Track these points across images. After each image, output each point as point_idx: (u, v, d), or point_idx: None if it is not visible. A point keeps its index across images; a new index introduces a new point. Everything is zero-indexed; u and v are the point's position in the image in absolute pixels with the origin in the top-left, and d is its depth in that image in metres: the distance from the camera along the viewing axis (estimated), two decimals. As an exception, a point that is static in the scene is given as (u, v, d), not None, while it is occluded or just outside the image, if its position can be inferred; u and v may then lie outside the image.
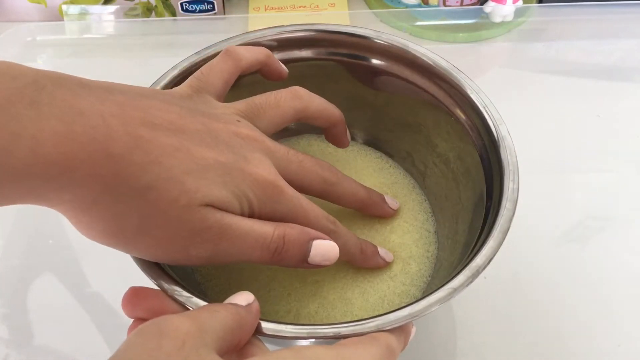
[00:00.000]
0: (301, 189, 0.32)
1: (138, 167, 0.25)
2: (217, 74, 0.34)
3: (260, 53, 0.36)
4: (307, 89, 0.43)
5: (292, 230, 0.30)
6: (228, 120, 0.31)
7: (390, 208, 0.39)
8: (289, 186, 0.30)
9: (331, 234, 0.32)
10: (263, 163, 0.30)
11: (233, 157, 0.29)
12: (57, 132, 0.24)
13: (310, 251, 0.30)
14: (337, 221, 0.33)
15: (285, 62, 0.41)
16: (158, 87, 0.37)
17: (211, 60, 0.35)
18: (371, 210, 0.39)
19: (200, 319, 0.24)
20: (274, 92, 0.34)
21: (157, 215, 0.26)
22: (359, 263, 0.36)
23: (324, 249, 0.31)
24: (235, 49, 0.35)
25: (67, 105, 0.24)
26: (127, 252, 0.28)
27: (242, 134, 0.30)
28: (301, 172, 0.32)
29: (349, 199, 0.36)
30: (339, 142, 0.39)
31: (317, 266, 0.31)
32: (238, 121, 0.31)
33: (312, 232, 0.31)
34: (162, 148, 0.26)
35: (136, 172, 0.25)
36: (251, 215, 0.29)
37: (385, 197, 0.39)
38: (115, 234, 0.27)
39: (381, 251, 0.37)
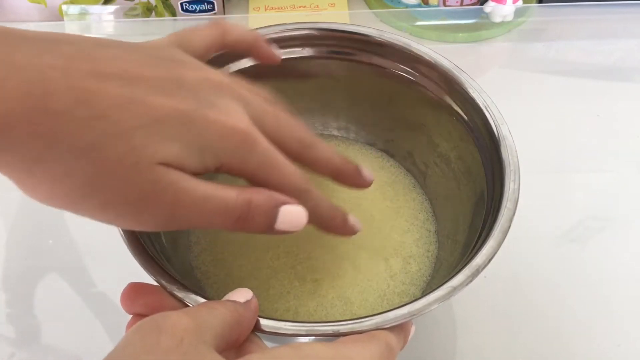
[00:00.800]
0: (275, 145, 0.30)
1: (81, 123, 0.23)
2: (200, 35, 0.32)
3: (249, 34, 0.35)
4: (309, 87, 0.43)
5: (259, 196, 0.28)
6: (198, 67, 0.28)
7: (365, 179, 0.36)
8: (263, 137, 0.28)
9: (304, 194, 0.30)
10: (234, 110, 0.27)
11: (197, 104, 0.26)
12: None
13: (277, 217, 0.28)
14: (310, 181, 0.30)
15: (287, 60, 0.41)
16: None
17: (197, 25, 0.33)
18: (345, 179, 0.35)
19: (199, 316, 0.24)
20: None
21: (103, 176, 0.24)
22: (328, 229, 0.33)
23: (292, 215, 0.29)
24: (225, 22, 0.33)
25: (1, 59, 0.22)
26: (78, 214, 0.26)
27: (214, 80, 0.28)
28: (275, 128, 0.29)
29: (323, 164, 0.33)
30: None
31: (284, 232, 0.29)
32: (210, 67, 0.29)
33: (280, 197, 0.28)
34: (111, 100, 0.24)
35: (79, 129, 0.23)
36: (218, 168, 0.27)
37: (361, 169, 0.36)
38: (60, 196, 0.25)
39: (351, 219, 0.34)
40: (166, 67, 0.27)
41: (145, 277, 0.29)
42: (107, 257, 0.28)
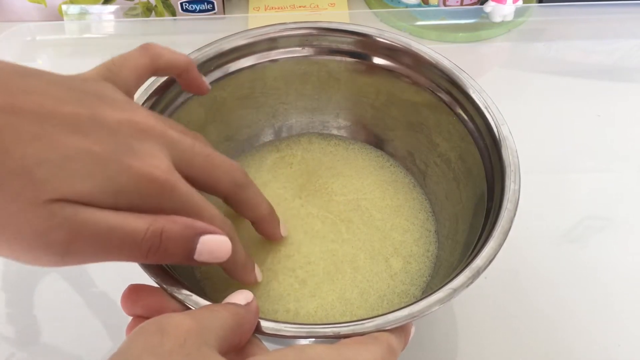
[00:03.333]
0: (205, 186, 0.30)
1: None
2: (131, 68, 0.31)
3: (181, 58, 0.34)
4: (308, 86, 0.43)
5: (173, 226, 0.26)
6: (123, 107, 0.27)
7: (281, 234, 0.37)
8: (183, 182, 0.27)
9: None
10: (152, 156, 0.26)
11: (113, 147, 0.25)
12: None
13: (196, 248, 0.27)
14: (232, 225, 0.30)
15: (287, 59, 0.41)
16: (156, 86, 0.36)
17: (126, 52, 0.32)
18: (264, 227, 0.36)
19: (201, 318, 0.24)
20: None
21: None
22: (232, 273, 0.32)
23: (213, 245, 0.28)
24: (154, 46, 0.33)
25: None
26: None
27: (138, 122, 0.27)
28: (207, 168, 0.29)
29: (252, 208, 0.33)
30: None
31: (206, 263, 0.28)
32: (138, 108, 0.28)
33: (200, 225, 0.27)
34: (17, 135, 0.23)
35: None
36: (131, 210, 0.26)
37: (281, 223, 0.37)
38: None
39: (257, 269, 0.35)
40: (88, 105, 0.26)
41: (146, 278, 0.29)
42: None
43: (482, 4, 0.63)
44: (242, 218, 0.34)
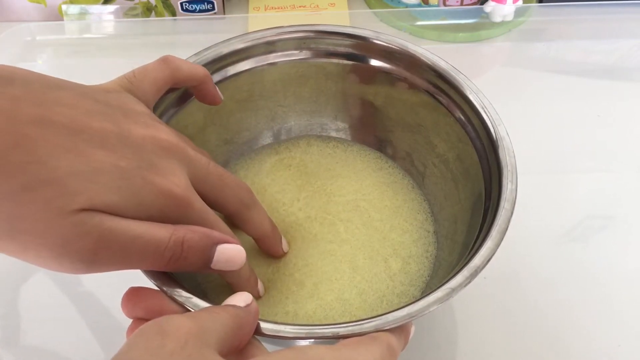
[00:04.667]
0: (215, 204, 0.31)
1: (14, 167, 0.23)
2: (151, 80, 0.32)
3: (199, 71, 0.35)
4: (306, 89, 0.43)
5: (193, 235, 0.28)
6: (148, 124, 0.29)
7: (282, 250, 0.38)
8: (198, 199, 0.29)
9: None
10: (172, 173, 0.28)
11: (137, 162, 0.27)
12: None
13: (213, 257, 0.29)
14: (240, 243, 0.31)
15: (285, 62, 0.41)
16: None
17: (146, 64, 0.33)
18: (267, 244, 0.37)
19: (202, 320, 0.24)
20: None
21: (27, 219, 0.24)
22: (237, 287, 0.33)
23: (229, 254, 0.29)
24: (174, 59, 0.34)
25: None
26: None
27: (160, 139, 0.28)
28: (219, 186, 0.31)
29: (256, 226, 0.34)
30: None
31: (220, 271, 0.30)
32: (159, 124, 0.30)
33: (217, 235, 0.29)
34: (50, 148, 0.24)
35: (11, 172, 0.23)
36: (149, 220, 0.27)
37: (282, 239, 0.38)
38: None
39: (260, 284, 0.36)
40: (114, 120, 0.27)
41: (141, 278, 0.29)
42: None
43: (482, 4, 0.63)
44: (241, 232, 0.35)
